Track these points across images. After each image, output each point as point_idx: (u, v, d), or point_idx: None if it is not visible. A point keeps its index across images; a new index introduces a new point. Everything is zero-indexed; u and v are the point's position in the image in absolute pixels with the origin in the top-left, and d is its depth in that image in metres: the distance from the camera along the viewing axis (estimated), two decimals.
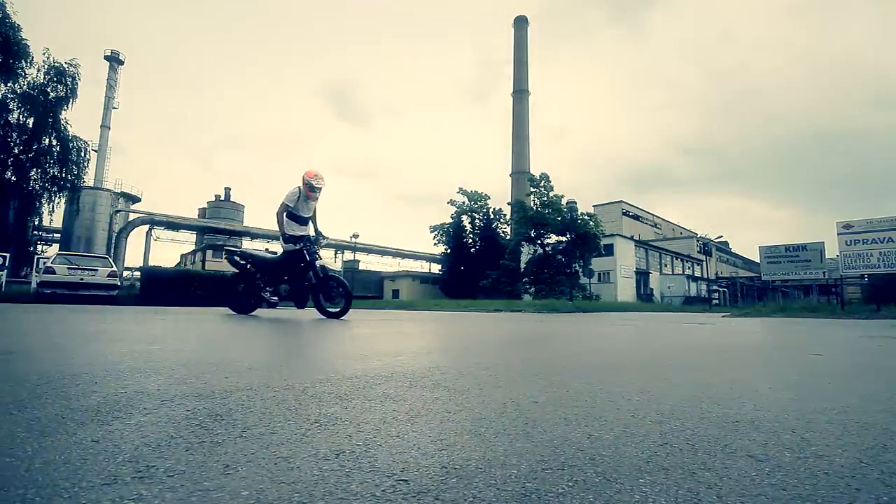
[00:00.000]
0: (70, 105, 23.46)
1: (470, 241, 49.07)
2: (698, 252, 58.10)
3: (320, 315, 6.49)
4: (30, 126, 22.46)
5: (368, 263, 58.50)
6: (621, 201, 64.72)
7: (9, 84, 22.07)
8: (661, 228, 72.47)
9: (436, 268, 56.20)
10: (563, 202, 37.67)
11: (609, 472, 0.87)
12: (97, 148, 47.71)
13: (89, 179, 34.98)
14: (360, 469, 0.86)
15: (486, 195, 49.13)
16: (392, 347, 3.04)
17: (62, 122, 23.15)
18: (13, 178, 22.55)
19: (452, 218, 48.78)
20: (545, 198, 38.33)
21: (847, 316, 13.12)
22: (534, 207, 38.66)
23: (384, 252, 58.99)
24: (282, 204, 6.51)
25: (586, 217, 37.55)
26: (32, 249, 31.50)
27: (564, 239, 37.93)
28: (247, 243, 54.65)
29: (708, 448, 1.04)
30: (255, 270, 6.99)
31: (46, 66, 22.75)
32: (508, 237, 46.10)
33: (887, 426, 1.28)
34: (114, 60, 54.60)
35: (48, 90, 22.73)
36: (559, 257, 38.08)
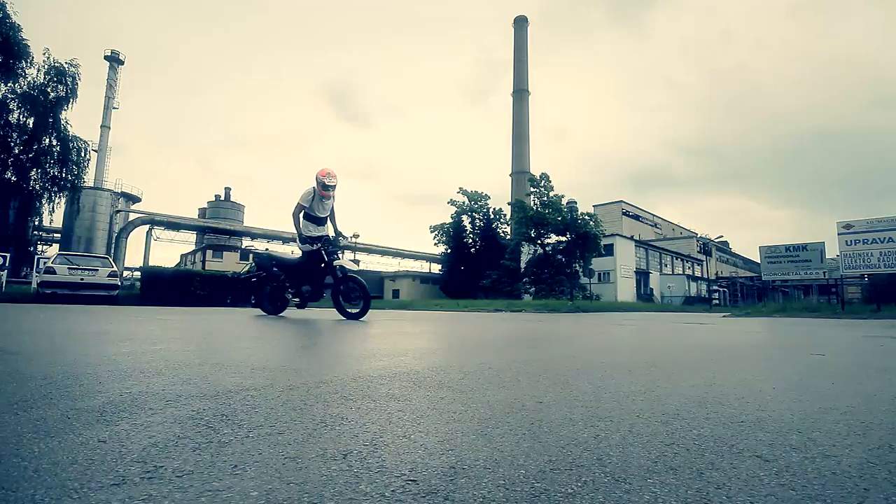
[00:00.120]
0: (70, 105, 23.41)
1: (470, 241, 49.00)
2: (698, 252, 58.07)
3: (340, 316, 6.45)
4: (30, 126, 22.41)
5: (368, 263, 58.36)
6: (621, 201, 64.70)
7: (9, 84, 22.03)
8: (661, 228, 72.46)
9: (436, 268, 56.12)
10: (563, 202, 37.59)
11: (617, 473, 0.87)
12: (97, 148, 47.74)
13: (89, 179, 34.85)
14: (369, 469, 0.86)
15: (486, 195, 49.06)
16: (394, 347, 3.04)
17: (62, 122, 23.09)
18: (13, 178, 22.50)
19: (452, 218, 48.71)
20: (545, 198, 38.29)
21: (847, 316, 13.12)
22: (534, 207, 38.59)
23: (384, 252, 58.94)
24: (297, 205, 6.41)
25: (586, 217, 37.50)
26: (32, 249, 31.45)
27: (564, 239, 37.86)
28: (247, 243, 54.70)
29: (715, 448, 1.04)
30: (280, 272, 7.01)
31: (46, 66, 22.70)
32: (508, 237, 46.03)
33: (892, 426, 1.28)
34: (114, 60, 54.59)
35: (48, 90, 22.68)
36: (559, 257, 38.03)
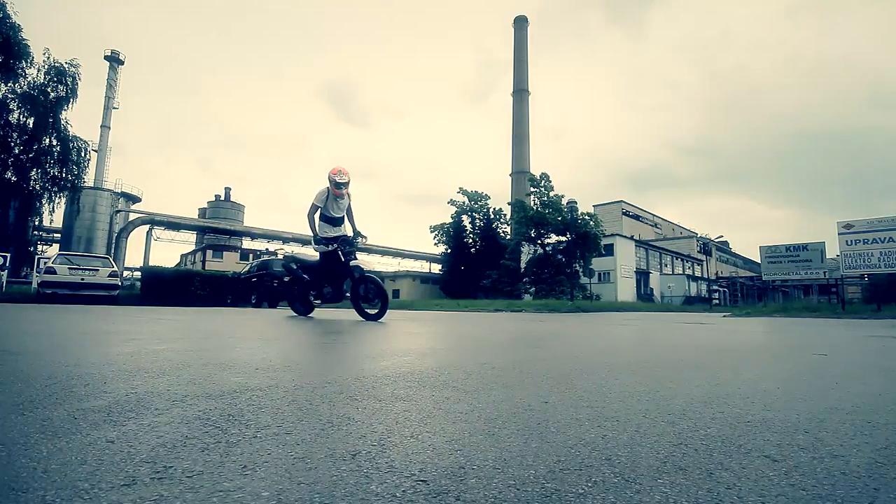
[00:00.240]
0: (70, 105, 23.41)
1: (470, 241, 48.99)
2: (698, 252, 58.10)
3: (359, 317, 6.42)
4: (30, 126, 22.41)
5: (369, 263, 58.32)
6: (621, 201, 64.70)
7: (9, 84, 22.03)
8: (661, 228, 72.47)
9: (436, 268, 56.10)
10: (564, 202, 37.63)
11: (627, 473, 0.87)
12: (97, 148, 47.68)
13: (89, 179, 34.82)
14: (378, 469, 0.86)
15: (486, 195, 49.04)
16: (397, 348, 3.04)
17: (62, 122, 23.10)
18: (13, 178, 22.50)
19: (452, 218, 48.70)
20: (545, 198, 38.27)
21: (848, 316, 13.13)
22: (534, 207, 38.58)
23: (384, 252, 58.91)
24: (311, 205, 6.32)
25: (586, 217, 37.50)
26: (33, 249, 31.48)
27: (564, 239, 37.88)
28: (247, 243, 54.73)
29: (723, 448, 1.04)
30: (304, 274, 7.04)
31: (46, 66, 22.70)
32: (508, 237, 46.01)
33: None
34: (114, 60, 54.59)
35: (48, 90, 22.67)
36: (559, 257, 38.03)
